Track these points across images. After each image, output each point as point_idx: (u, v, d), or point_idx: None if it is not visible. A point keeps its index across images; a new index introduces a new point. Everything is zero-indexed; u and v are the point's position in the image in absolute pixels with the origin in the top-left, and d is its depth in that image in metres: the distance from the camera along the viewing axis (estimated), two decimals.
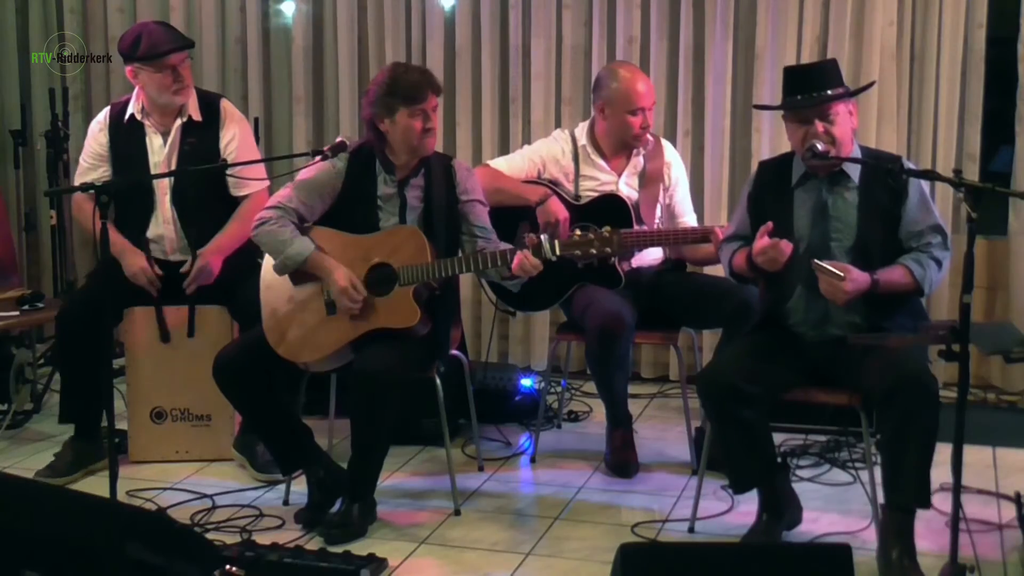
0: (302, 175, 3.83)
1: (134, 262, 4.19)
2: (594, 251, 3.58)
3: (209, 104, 4.32)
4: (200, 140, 4.25)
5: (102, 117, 4.36)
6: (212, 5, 5.70)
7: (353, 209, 3.80)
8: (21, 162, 5.79)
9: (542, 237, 3.60)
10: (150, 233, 4.27)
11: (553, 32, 5.33)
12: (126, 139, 4.28)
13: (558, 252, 3.58)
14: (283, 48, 5.75)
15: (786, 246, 3.46)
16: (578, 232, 3.72)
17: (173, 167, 4.24)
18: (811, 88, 3.50)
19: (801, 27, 5.02)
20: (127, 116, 4.29)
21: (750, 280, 3.70)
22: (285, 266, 3.72)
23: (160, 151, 4.26)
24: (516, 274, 3.65)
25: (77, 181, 4.32)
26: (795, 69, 3.78)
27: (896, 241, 3.53)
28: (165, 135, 4.27)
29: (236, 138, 4.30)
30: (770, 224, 3.48)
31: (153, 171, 4.24)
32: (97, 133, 4.33)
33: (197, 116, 4.28)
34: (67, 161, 5.57)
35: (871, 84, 4.38)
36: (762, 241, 3.47)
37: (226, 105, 4.36)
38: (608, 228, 3.59)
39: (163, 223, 4.27)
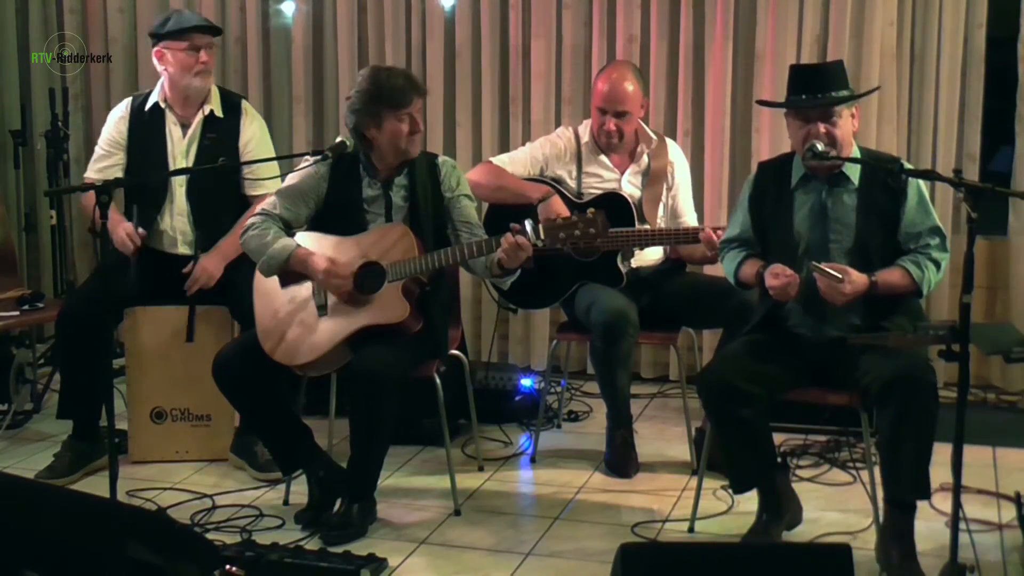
0: (286, 182, 3.85)
1: (120, 229, 4.18)
2: (578, 233, 3.55)
3: (231, 103, 4.39)
4: (221, 136, 4.31)
5: (123, 105, 4.41)
6: (212, 5, 5.71)
7: (339, 213, 3.81)
8: (21, 162, 5.79)
9: (526, 223, 3.59)
10: (163, 224, 4.29)
11: (553, 32, 5.34)
12: (147, 127, 4.32)
13: (542, 236, 3.57)
14: (283, 48, 5.75)
15: (794, 289, 3.47)
16: (562, 216, 3.70)
17: (192, 159, 4.29)
18: (816, 88, 3.50)
19: (801, 27, 5.02)
20: (149, 105, 4.33)
21: (754, 288, 3.70)
22: (269, 266, 3.73)
23: (180, 142, 4.30)
24: (503, 262, 3.61)
25: (91, 168, 4.38)
26: (801, 68, 3.77)
27: (895, 243, 3.53)
28: (185, 127, 4.31)
29: (255, 138, 4.36)
30: (780, 267, 3.49)
31: (171, 161, 4.29)
32: (117, 120, 4.37)
33: (219, 112, 4.33)
34: (67, 161, 5.58)
35: (875, 89, 4.34)
36: (775, 282, 3.48)
37: (247, 106, 4.43)
38: (592, 210, 3.58)
39: (176, 215, 4.30)
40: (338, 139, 3.83)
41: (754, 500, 3.60)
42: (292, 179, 3.84)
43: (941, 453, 3.23)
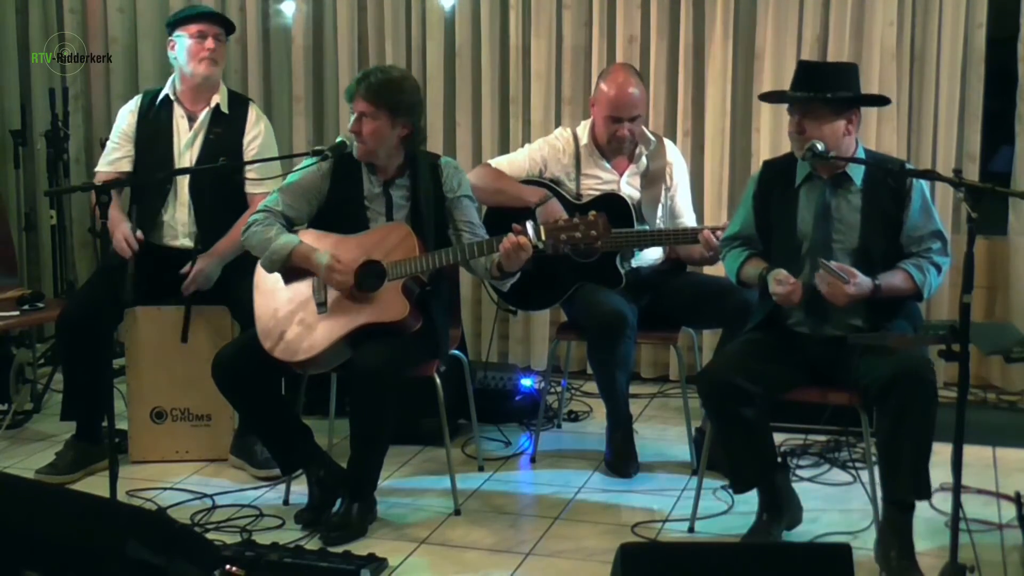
0: (287, 180, 3.86)
1: (118, 232, 4.19)
2: (579, 235, 3.56)
3: (240, 103, 4.44)
4: (226, 132, 4.35)
5: (135, 99, 4.48)
6: (212, 5, 5.69)
7: (341, 211, 3.82)
8: (21, 162, 5.79)
9: (527, 224, 3.60)
10: (165, 215, 4.31)
11: (553, 32, 5.33)
12: (155, 120, 4.37)
13: (543, 237, 3.57)
14: (283, 48, 5.75)
15: (797, 296, 3.48)
16: (563, 218, 3.71)
17: (196, 152, 4.32)
18: (809, 86, 3.51)
19: (801, 27, 5.02)
20: (160, 97, 4.39)
21: (756, 288, 3.70)
22: (272, 261, 3.73)
23: (185, 134, 4.34)
24: (503, 264, 3.62)
25: (102, 161, 4.43)
26: (802, 64, 3.81)
27: (897, 245, 3.53)
28: (192, 120, 4.35)
29: (260, 137, 4.39)
30: (784, 273, 3.50)
31: (175, 153, 4.33)
32: (127, 114, 4.44)
33: (225, 107, 4.37)
34: (67, 161, 5.58)
35: (861, 96, 4.08)
36: (779, 288, 3.49)
37: (255, 107, 4.48)
38: (594, 212, 3.58)
39: (179, 205, 4.32)
40: (338, 139, 3.83)
41: (754, 500, 3.60)
42: (294, 177, 3.85)
43: (941, 453, 3.23)
